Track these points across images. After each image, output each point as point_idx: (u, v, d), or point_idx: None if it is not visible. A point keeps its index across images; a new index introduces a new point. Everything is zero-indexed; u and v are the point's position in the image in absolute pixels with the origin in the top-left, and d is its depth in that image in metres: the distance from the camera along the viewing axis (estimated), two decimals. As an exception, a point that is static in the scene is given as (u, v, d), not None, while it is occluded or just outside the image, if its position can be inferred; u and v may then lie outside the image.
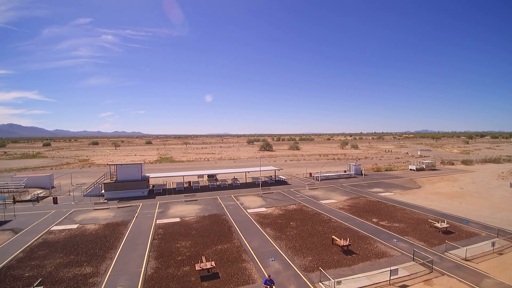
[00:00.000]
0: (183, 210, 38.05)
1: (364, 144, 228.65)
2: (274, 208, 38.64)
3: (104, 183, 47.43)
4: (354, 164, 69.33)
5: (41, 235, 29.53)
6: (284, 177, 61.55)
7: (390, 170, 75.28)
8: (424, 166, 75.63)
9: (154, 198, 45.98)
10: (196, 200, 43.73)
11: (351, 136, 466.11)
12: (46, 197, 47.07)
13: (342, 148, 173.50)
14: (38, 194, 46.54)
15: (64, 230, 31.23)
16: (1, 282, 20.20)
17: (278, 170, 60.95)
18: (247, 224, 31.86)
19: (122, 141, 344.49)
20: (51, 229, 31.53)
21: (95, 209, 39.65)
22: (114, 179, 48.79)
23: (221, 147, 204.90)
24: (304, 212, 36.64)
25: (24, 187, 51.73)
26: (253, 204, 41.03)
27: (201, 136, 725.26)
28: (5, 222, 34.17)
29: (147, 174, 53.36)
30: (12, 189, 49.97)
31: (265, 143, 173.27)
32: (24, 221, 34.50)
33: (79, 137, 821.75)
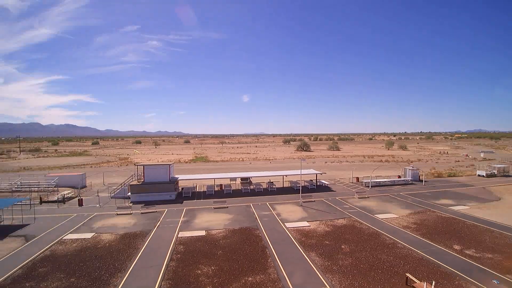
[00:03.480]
0: (210, 220, 32.76)
1: (412, 144, 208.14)
2: (318, 222, 31.65)
3: (130, 185, 44.18)
4: (411, 168, 59.26)
5: (51, 246, 26.04)
6: (326, 182, 53.94)
7: (453, 175, 63.49)
8: (495, 171, 62.79)
9: (182, 203, 41.54)
10: (227, 207, 38.31)
11: (395, 136, 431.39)
12: (74, 197, 45.14)
13: (388, 149, 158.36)
14: (64, 194, 44.69)
15: (77, 240, 27.57)
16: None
17: (321, 174, 53.41)
18: (285, 245, 25.42)
19: (163, 140, 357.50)
20: (64, 238, 28.08)
21: (117, 214, 36.14)
22: (142, 180, 45.44)
23: (256, 146, 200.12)
24: (357, 230, 29.15)
25: (55, 186, 50.77)
26: (292, 215, 34.43)
27: (237, 135, 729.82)
28: (22, 226, 31.67)
29: (176, 176, 49.42)
30: (43, 188, 49.17)
31: (303, 143, 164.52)
32: (41, 226, 31.72)
33: (126, 136, 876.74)
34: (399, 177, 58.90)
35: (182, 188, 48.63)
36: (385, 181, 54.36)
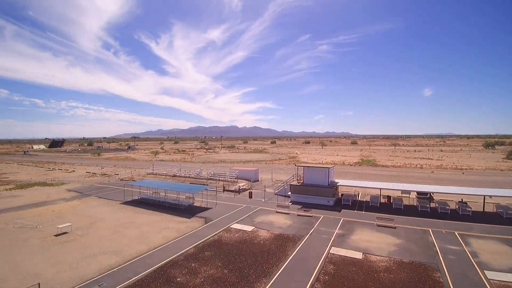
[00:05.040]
0: (370, 241, 27.35)
1: None
2: (557, 285, 19.27)
3: (290, 185, 45.31)
4: None
5: (220, 232, 29.86)
6: None
7: None
8: None
9: (339, 211, 37.94)
10: (394, 227, 31.13)
11: None
12: (247, 189, 51.50)
13: None
14: (240, 186, 51.81)
15: (239, 230, 30.29)
16: (154, 280, 20.03)
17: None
18: (487, 308, 16.65)
19: (330, 141, 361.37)
20: (231, 226, 31.61)
21: (276, 212, 37.56)
22: (301, 181, 45.60)
23: (441, 150, 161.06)
24: None
25: (236, 178, 60.18)
26: (500, 260, 22.92)
27: (415, 136, 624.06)
28: (206, 209, 38.88)
29: (335, 180, 46.17)
30: (227, 179, 59.44)
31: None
32: (218, 211, 37.68)
33: (298, 136, 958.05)
34: None
35: (342, 195, 44.79)
36: None
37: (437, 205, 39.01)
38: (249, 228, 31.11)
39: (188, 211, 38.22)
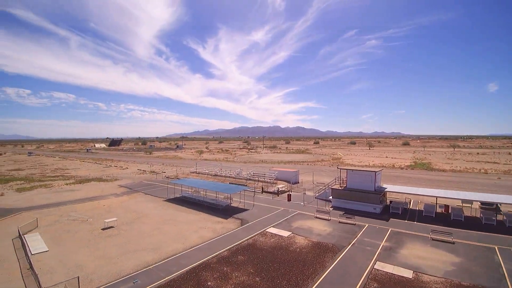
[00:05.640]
0: (423, 257, 24.03)
1: None
2: None
3: (332, 189, 42.69)
4: None
5: (255, 235, 29.00)
6: None
7: None
8: None
9: (387, 220, 34.46)
10: (452, 243, 27.09)
11: None
12: (286, 191, 50.01)
13: None
14: (279, 188, 50.48)
15: (275, 235, 29.08)
16: (185, 282, 19.77)
17: None
18: None
19: (379, 142, 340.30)
20: (267, 230, 30.55)
21: (316, 217, 35.53)
22: (344, 186, 42.72)
23: (510, 153, 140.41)
24: None
25: (275, 179, 59.01)
26: None
27: (477, 137, 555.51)
28: (243, 210, 38.39)
29: (383, 186, 42.33)
30: (266, 180, 58.56)
31: None
32: (254, 213, 36.91)
33: (343, 137, 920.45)
34: None
35: (391, 202, 40.90)
36: None
37: (505, 217, 33.35)
38: (285, 233, 29.73)
39: (225, 211, 38.16)
